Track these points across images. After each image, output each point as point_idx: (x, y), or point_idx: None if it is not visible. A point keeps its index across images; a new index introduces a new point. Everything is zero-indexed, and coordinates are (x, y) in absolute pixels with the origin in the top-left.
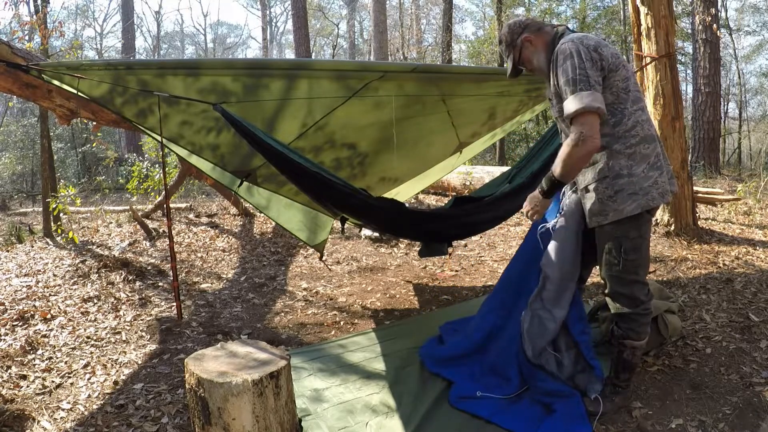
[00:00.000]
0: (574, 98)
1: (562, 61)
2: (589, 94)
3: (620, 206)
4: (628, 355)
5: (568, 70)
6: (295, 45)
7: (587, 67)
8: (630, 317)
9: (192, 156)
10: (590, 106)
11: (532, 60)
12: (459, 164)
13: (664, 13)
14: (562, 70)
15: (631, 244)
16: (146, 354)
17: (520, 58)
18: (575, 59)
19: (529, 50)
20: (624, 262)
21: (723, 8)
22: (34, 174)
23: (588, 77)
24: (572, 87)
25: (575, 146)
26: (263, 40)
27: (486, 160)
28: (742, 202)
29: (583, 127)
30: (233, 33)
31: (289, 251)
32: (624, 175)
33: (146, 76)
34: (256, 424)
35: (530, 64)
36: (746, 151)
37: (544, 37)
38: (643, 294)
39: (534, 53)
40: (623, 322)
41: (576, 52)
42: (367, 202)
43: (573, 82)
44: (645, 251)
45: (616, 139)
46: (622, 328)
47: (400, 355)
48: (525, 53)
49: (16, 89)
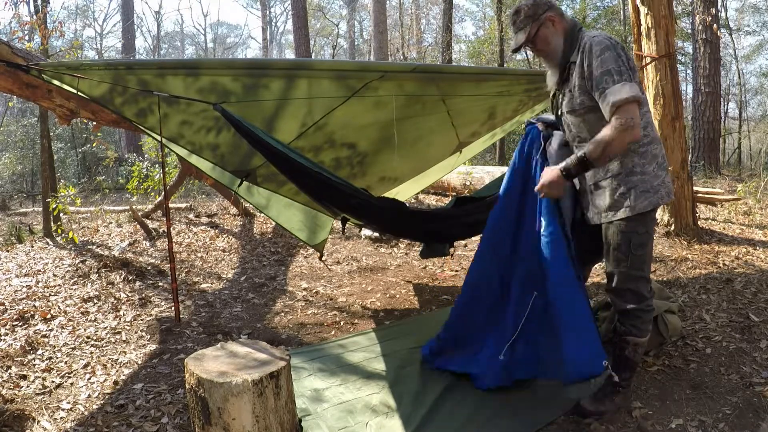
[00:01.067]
0: (623, 86)
1: (600, 52)
2: (633, 85)
3: (633, 203)
4: (630, 352)
5: (608, 61)
6: (295, 45)
7: (626, 60)
8: (633, 313)
9: (192, 156)
10: (638, 96)
11: (550, 40)
12: (459, 164)
13: (664, 13)
14: (600, 61)
15: (640, 239)
16: (146, 354)
17: (537, 35)
18: (615, 51)
19: (549, 29)
20: (632, 257)
21: (723, 8)
22: (34, 174)
23: (629, 69)
24: (617, 77)
25: (622, 131)
26: (263, 40)
27: (486, 160)
28: (742, 202)
29: (630, 114)
30: (233, 33)
31: (289, 251)
32: (637, 173)
33: (146, 75)
34: (256, 424)
35: (544, 44)
36: (746, 151)
37: (564, 24)
38: (646, 290)
39: (554, 34)
40: (626, 318)
41: (613, 45)
42: (367, 202)
43: (618, 72)
44: (651, 247)
45: None
46: (626, 325)
47: (400, 355)
48: (544, 31)
49: (16, 89)
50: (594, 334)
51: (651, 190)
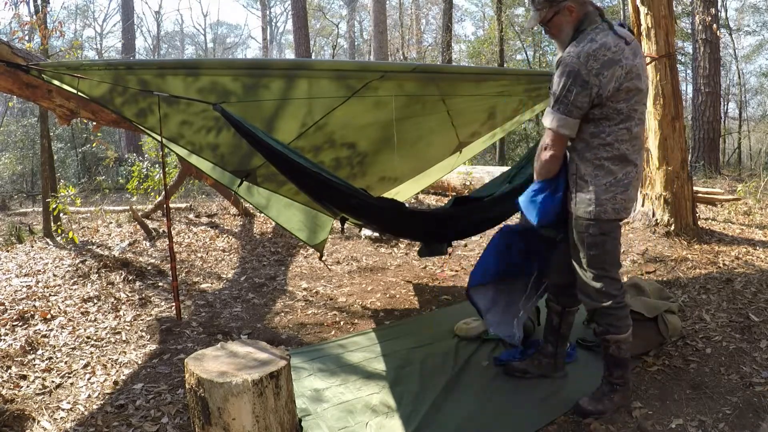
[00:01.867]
0: (550, 114)
1: (560, 73)
2: (563, 118)
3: (577, 206)
4: (614, 350)
5: (557, 84)
6: (295, 45)
7: (575, 92)
8: (605, 312)
9: (192, 156)
10: (558, 132)
11: (562, 29)
12: (459, 164)
13: (664, 13)
14: (555, 79)
15: (593, 240)
16: (146, 354)
17: (552, 20)
18: (569, 79)
19: (565, 18)
20: (588, 257)
21: (723, 8)
22: (34, 174)
23: (569, 102)
24: (553, 103)
25: (541, 151)
26: (263, 40)
27: (486, 160)
28: (742, 202)
29: (547, 141)
30: (233, 33)
31: (289, 251)
32: (587, 182)
33: (146, 75)
34: (256, 424)
35: (557, 30)
36: (746, 151)
37: (579, 13)
38: (614, 288)
39: (568, 24)
40: (600, 317)
41: (574, 73)
42: (367, 202)
43: (555, 99)
44: (611, 249)
45: (589, 148)
46: (602, 324)
47: (400, 355)
48: (559, 18)
49: (16, 89)
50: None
51: (594, 203)
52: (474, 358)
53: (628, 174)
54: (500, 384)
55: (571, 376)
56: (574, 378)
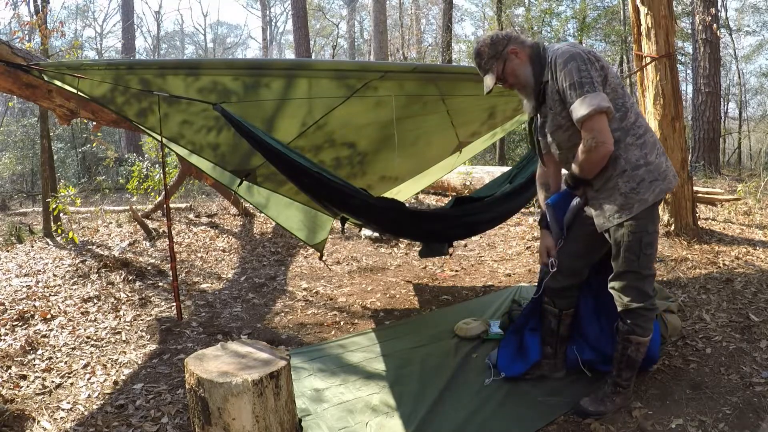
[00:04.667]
0: (583, 101)
1: (563, 65)
2: (596, 95)
3: (645, 195)
4: (633, 351)
5: (571, 73)
6: (295, 45)
7: (589, 69)
8: (637, 312)
9: (192, 156)
10: (600, 107)
11: (518, 72)
12: (459, 164)
13: (664, 13)
14: (563, 74)
15: (649, 238)
16: (146, 354)
17: (504, 71)
18: (576, 62)
19: (514, 62)
20: (643, 257)
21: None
22: (34, 174)
23: (591, 78)
24: (579, 90)
25: (589, 152)
26: (263, 41)
27: (486, 160)
28: (742, 202)
29: (593, 133)
30: (233, 33)
31: (289, 251)
32: (642, 165)
33: (147, 75)
34: (256, 424)
35: (513, 77)
36: (746, 151)
37: (527, 51)
38: (651, 288)
39: (520, 66)
40: (630, 317)
41: (576, 54)
42: (367, 202)
43: (579, 84)
44: (657, 245)
45: (626, 132)
46: (629, 324)
47: (400, 355)
48: (510, 65)
49: (16, 89)
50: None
51: (660, 178)
52: (473, 358)
53: (656, 137)
54: (500, 384)
55: (570, 377)
56: (574, 378)
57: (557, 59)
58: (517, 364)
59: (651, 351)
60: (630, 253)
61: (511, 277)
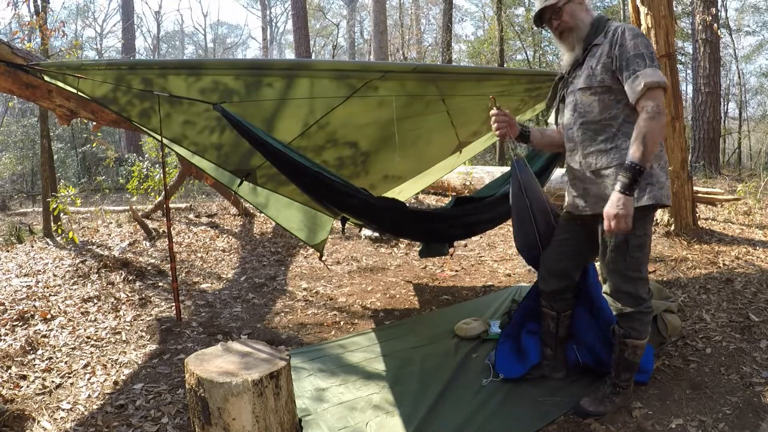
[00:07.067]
0: (655, 71)
1: (633, 36)
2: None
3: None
4: (630, 354)
5: (642, 45)
6: (295, 45)
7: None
8: (632, 316)
9: (194, 156)
10: (664, 82)
11: (576, 16)
12: (459, 164)
13: (664, 13)
14: (634, 43)
15: (637, 241)
16: (146, 354)
17: (562, 9)
18: (645, 40)
19: (577, 7)
20: (630, 259)
21: (723, 8)
22: (34, 174)
23: (655, 57)
24: (650, 61)
25: (653, 119)
26: (263, 40)
27: (486, 160)
28: (742, 202)
29: (657, 101)
30: (233, 33)
31: (289, 251)
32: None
33: (148, 76)
34: (256, 424)
35: (570, 17)
36: (746, 151)
37: (590, 11)
38: (645, 292)
39: (580, 12)
40: (625, 321)
41: (642, 35)
42: (367, 202)
43: (650, 57)
44: (649, 249)
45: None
46: (624, 327)
47: (400, 355)
48: (571, 6)
49: (16, 89)
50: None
51: (656, 184)
52: (473, 358)
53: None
54: (500, 384)
55: (570, 377)
56: (574, 378)
57: (626, 30)
58: (516, 367)
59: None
60: (616, 253)
61: (511, 277)
